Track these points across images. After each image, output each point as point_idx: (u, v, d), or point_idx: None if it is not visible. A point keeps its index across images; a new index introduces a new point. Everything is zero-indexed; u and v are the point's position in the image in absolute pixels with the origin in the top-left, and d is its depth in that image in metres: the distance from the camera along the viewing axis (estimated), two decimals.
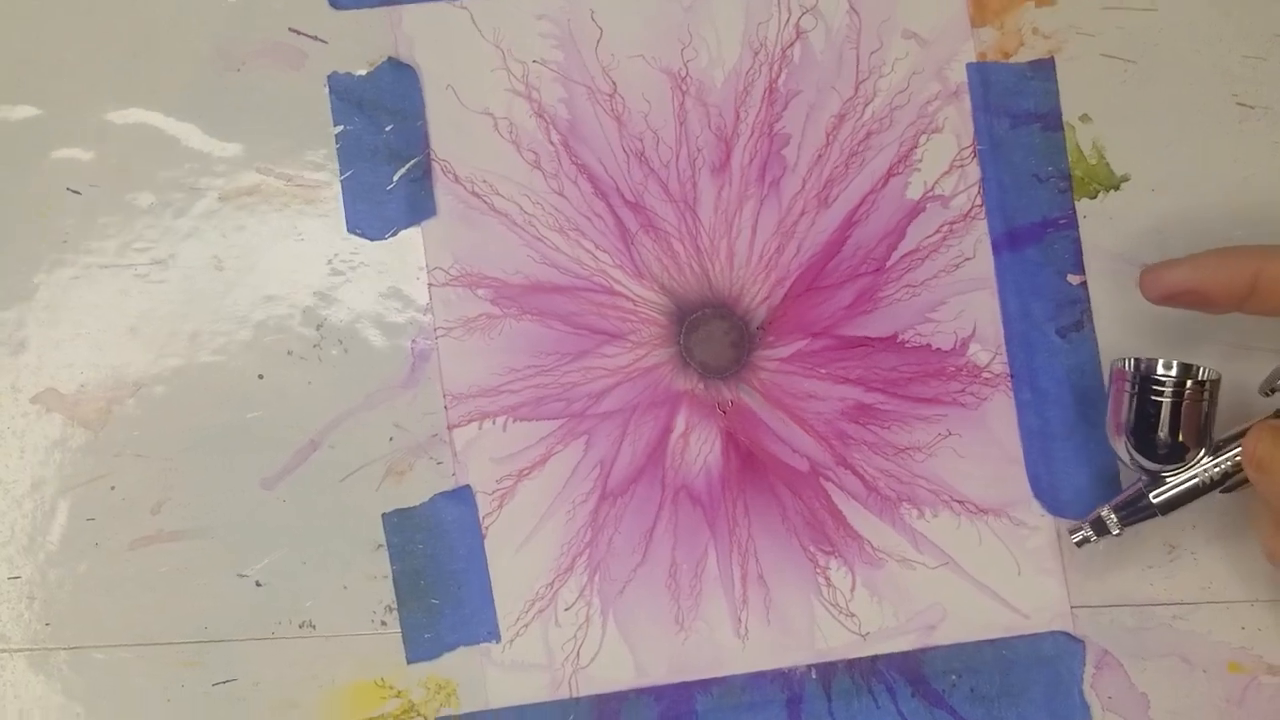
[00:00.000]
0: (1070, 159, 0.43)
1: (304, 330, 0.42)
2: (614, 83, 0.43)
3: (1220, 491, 0.38)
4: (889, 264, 0.43)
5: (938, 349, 0.43)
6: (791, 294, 0.43)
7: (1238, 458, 0.38)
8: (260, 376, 0.42)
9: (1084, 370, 0.43)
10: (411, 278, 0.43)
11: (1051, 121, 0.43)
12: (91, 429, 0.42)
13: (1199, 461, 0.38)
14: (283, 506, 0.42)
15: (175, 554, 0.42)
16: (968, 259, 0.43)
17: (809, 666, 0.42)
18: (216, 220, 0.43)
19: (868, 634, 0.42)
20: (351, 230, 0.43)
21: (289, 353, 0.42)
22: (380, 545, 0.42)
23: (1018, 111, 0.43)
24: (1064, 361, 0.43)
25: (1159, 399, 0.38)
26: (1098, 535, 0.40)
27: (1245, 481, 0.38)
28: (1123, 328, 0.43)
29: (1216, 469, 0.38)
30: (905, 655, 0.42)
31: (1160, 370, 0.38)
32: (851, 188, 0.43)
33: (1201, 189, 0.43)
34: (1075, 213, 0.43)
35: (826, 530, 0.43)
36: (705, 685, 0.42)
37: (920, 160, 0.43)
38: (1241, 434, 0.38)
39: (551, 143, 0.43)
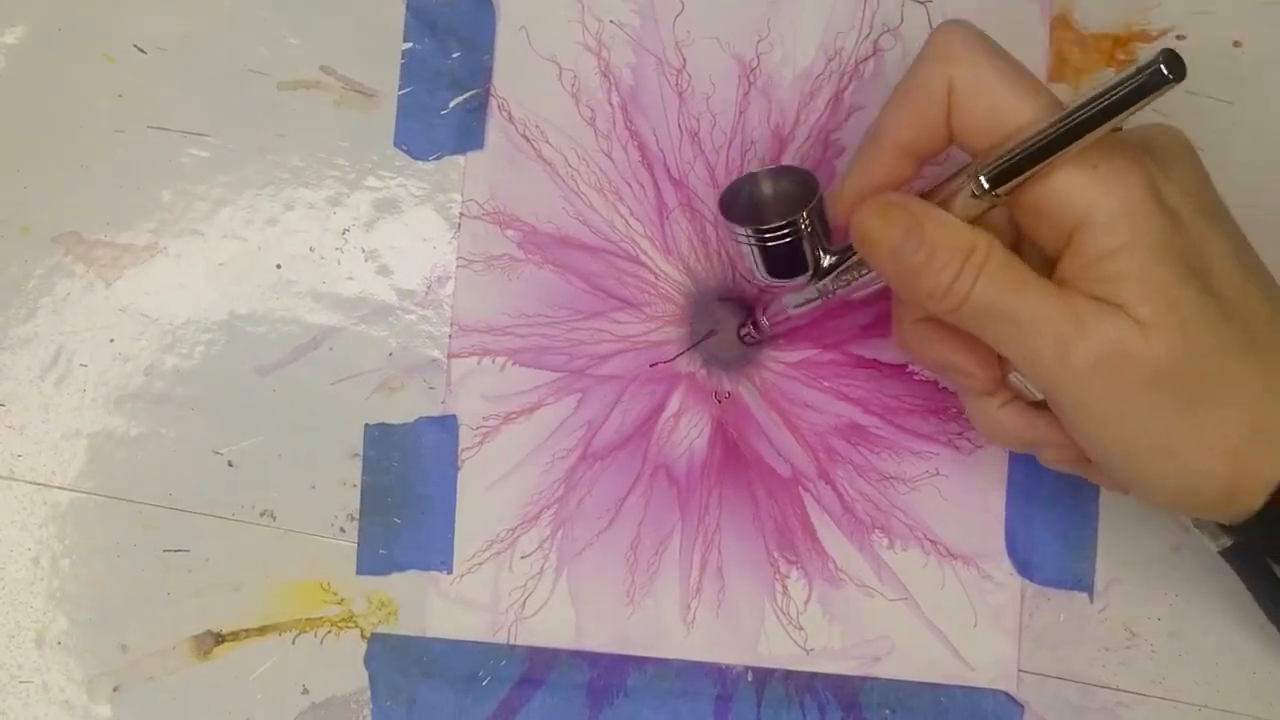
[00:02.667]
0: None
1: (330, 231, 0.43)
2: (684, 59, 0.43)
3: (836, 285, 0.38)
4: None
5: (944, 388, 0.43)
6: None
7: (850, 261, 0.37)
8: (278, 266, 0.43)
9: None
10: (445, 203, 0.43)
11: None
12: (105, 280, 0.43)
13: (823, 265, 0.37)
14: (271, 396, 0.42)
15: (157, 417, 0.42)
16: None
17: (746, 668, 0.42)
18: (269, 107, 0.43)
19: (812, 650, 0.42)
20: (398, 144, 0.43)
21: (310, 249, 0.43)
22: (356, 454, 0.42)
23: None
24: None
25: (778, 242, 0.36)
26: (752, 337, 0.42)
27: (860, 270, 0.37)
28: None
29: (829, 270, 0.37)
30: (844, 679, 0.42)
31: (768, 196, 0.38)
32: None
33: None
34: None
35: (794, 539, 0.43)
36: (641, 663, 0.42)
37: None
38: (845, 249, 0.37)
39: (610, 104, 0.43)
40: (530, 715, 0.42)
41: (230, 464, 0.42)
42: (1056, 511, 0.42)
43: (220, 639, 0.42)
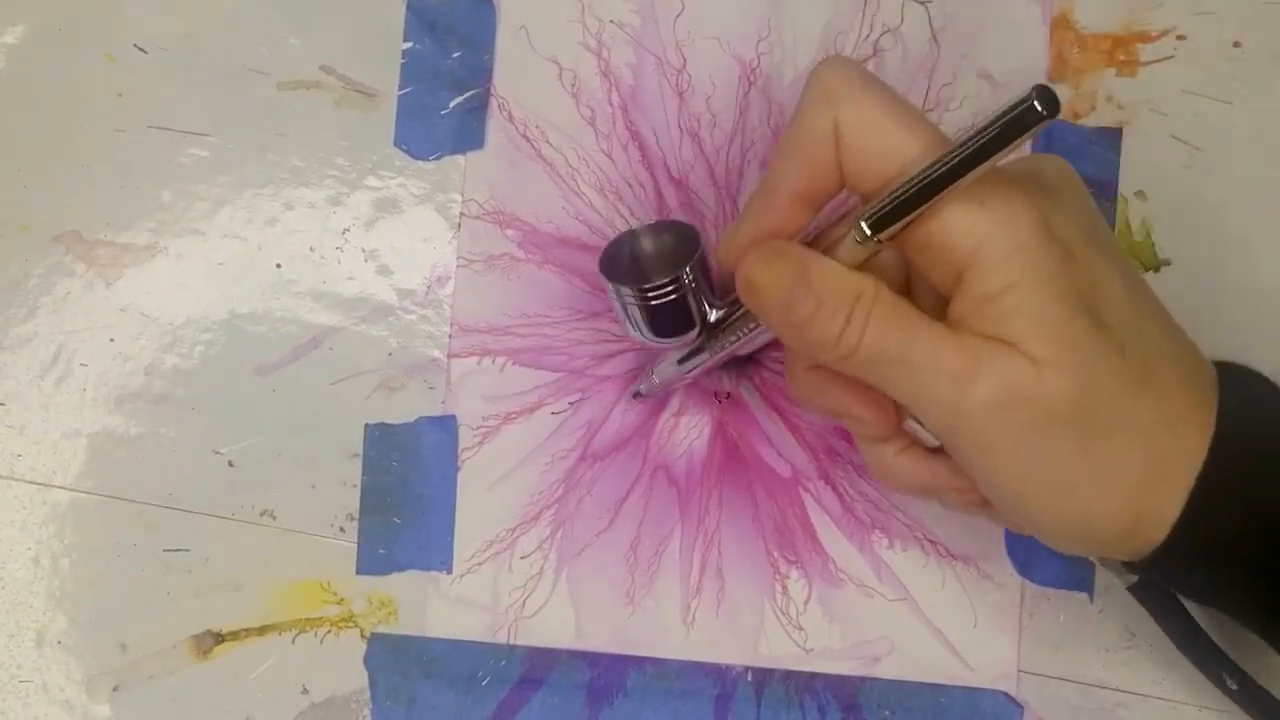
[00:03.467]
0: (1117, 230, 0.43)
1: (330, 231, 0.43)
2: (684, 59, 0.43)
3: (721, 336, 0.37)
4: None
5: None
6: None
7: (737, 312, 0.37)
8: (278, 266, 0.43)
9: None
10: (445, 203, 0.43)
11: (1107, 191, 0.43)
12: (105, 280, 0.43)
13: (710, 321, 0.37)
14: (272, 396, 0.42)
15: (157, 416, 0.42)
16: None
17: (746, 668, 0.42)
18: (269, 107, 0.43)
19: (811, 650, 0.42)
20: (398, 144, 0.43)
21: (311, 249, 0.43)
22: (356, 454, 0.42)
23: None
24: None
25: (661, 300, 0.36)
26: (644, 391, 0.41)
27: (748, 324, 0.37)
28: None
29: (716, 325, 0.37)
30: (844, 679, 0.42)
31: (650, 268, 0.38)
32: None
33: (1241, 290, 0.43)
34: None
35: (794, 539, 0.43)
36: (641, 663, 0.42)
37: None
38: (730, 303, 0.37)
39: (610, 104, 0.43)
40: (530, 715, 0.42)
41: (230, 464, 0.42)
42: None
43: (220, 639, 0.42)
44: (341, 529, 0.42)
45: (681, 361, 0.39)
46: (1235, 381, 0.34)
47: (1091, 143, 0.43)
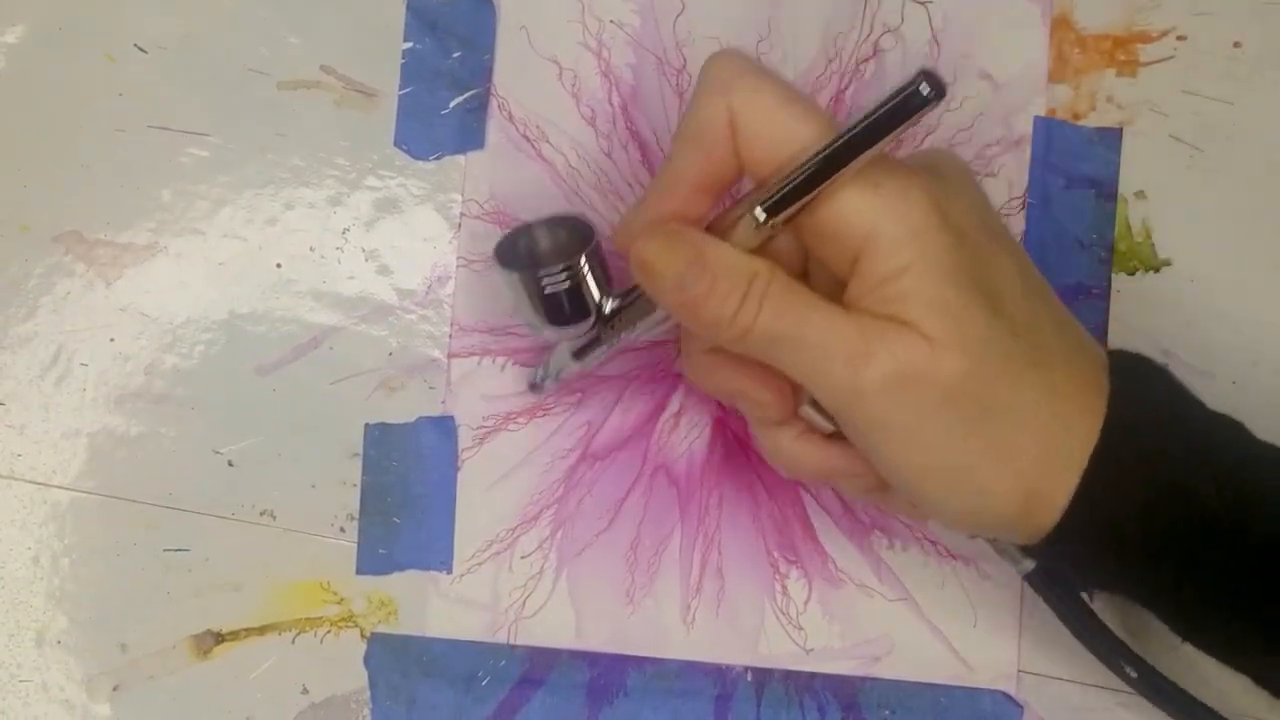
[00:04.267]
0: (1117, 232, 0.43)
1: (330, 230, 0.43)
2: (685, 59, 0.43)
3: (644, 331, 0.37)
4: None
5: None
6: None
7: (634, 299, 0.37)
8: (278, 265, 0.43)
9: None
10: (445, 203, 0.43)
11: (1106, 191, 0.43)
12: (105, 279, 0.43)
13: (605, 312, 0.37)
14: (271, 395, 0.42)
15: (157, 416, 0.42)
16: None
17: (746, 668, 0.42)
18: (268, 106, 0.43)
19: (812, 650, 0.42)
20: (398, 144, 0.43)
21: (311, 249, 0.43)
22: (356, 454, 0.42)
23: (1075, 174, 0.43)
24: None
25: (556, 288, 0.36)
26: (540, 382, 0.41)
27: (645, 311, 0.37)
28: None
29: (613, 310, 0.37)
30: (844, 679, 0.42)
31: (545, 257, 0.38)
32: None
33: (1242, 289, 0.43)
34: (1110, 286, 0.43)
35: (794, 539, 0.43)
36: (640, 663, 0.42)
37: None
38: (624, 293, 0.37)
39: (611, 104, 0.43)
40: (530, 715, 0.42)
41: (230, 463, 0.42)
42: None
43: (220, 638, 0.42)
44: (341, 529, 0.42)
45: (577, 355, 0.39)
46: (1128, 368, 0.34)
47: (1091, 143, 0.43)
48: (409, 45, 0.43)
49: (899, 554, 0.42)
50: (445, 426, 0.42)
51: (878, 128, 0.30)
